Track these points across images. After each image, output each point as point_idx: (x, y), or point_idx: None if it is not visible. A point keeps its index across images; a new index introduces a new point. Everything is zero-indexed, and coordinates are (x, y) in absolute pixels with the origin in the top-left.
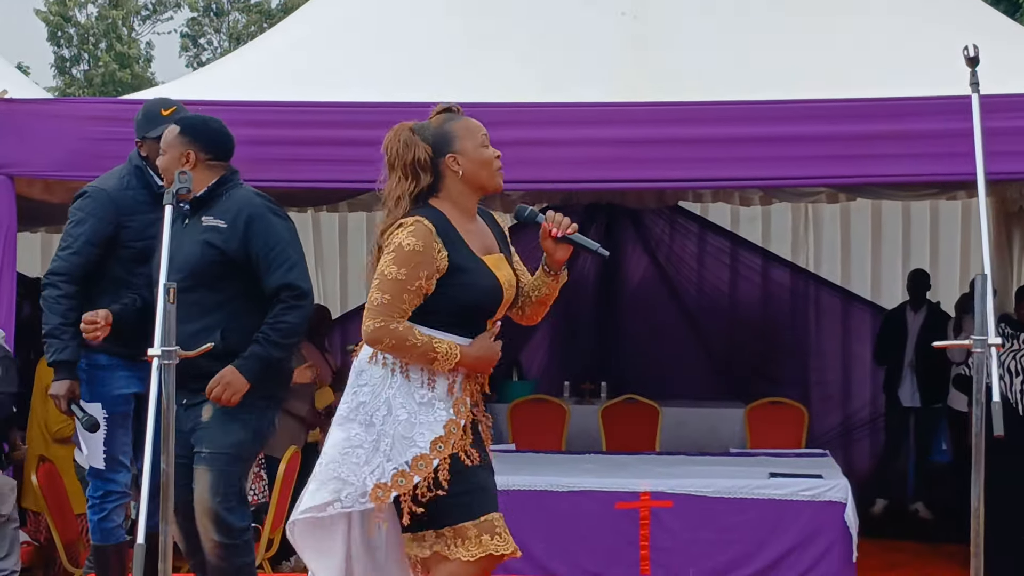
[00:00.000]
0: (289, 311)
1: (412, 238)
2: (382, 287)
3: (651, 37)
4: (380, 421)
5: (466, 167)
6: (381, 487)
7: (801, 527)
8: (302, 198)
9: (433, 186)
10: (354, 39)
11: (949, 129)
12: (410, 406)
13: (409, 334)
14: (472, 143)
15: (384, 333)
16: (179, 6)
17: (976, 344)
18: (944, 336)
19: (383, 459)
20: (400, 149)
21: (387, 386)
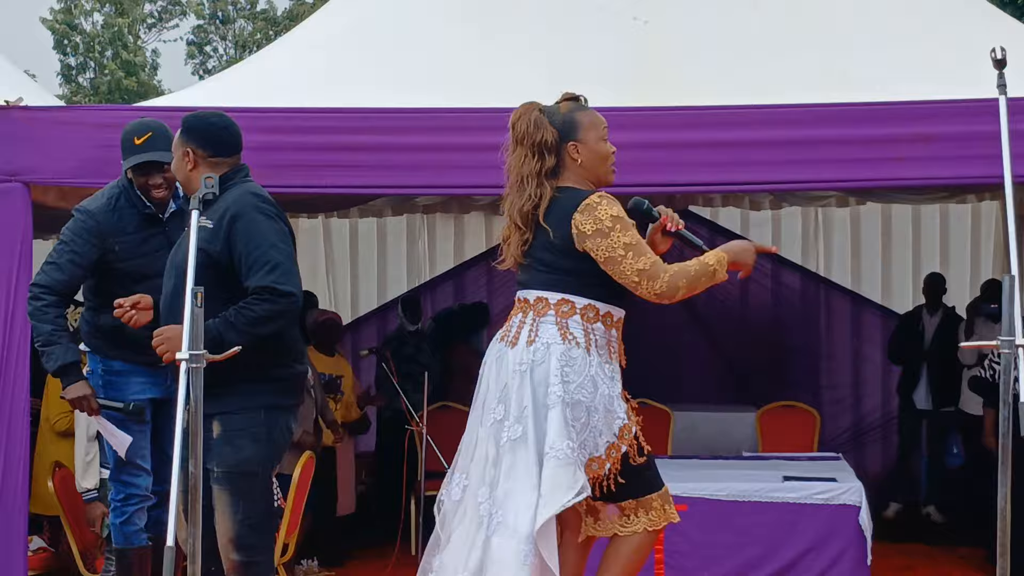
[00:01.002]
0: (262, 303)
1: (615, 207)
2: (636, 253)
3: (664, 42)
4: (587, 397)
5: (586, 157)
6: (596, 460)
7: (816, 530)
8: (313, 204)
9: (554, 169)
10: (364, 46)
11: (969, 132)
12: (606, 380)
13: (683, 271)
14: (594, 135)
15: (673, 282)
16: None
17: (1003, 345)
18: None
19: (594, 434)
20: (530, 127)
21: (588, 364)
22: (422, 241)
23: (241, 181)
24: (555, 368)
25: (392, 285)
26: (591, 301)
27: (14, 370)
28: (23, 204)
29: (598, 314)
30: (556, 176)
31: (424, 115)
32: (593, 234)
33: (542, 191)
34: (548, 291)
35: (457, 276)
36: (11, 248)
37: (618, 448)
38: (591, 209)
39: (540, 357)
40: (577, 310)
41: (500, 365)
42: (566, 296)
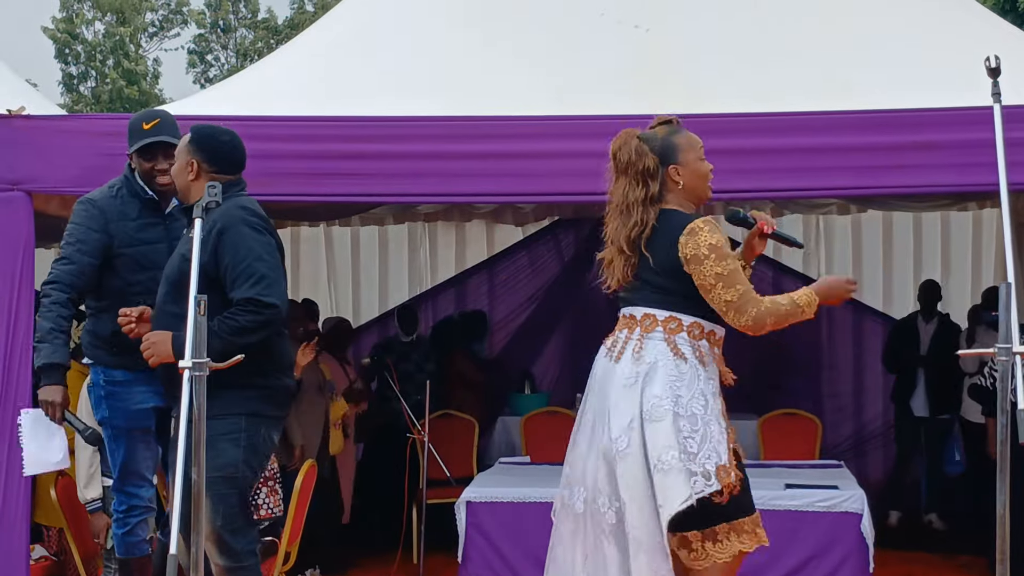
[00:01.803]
0: (246, 314)
1: (716, 235)
2: (727, 284)
3: (665, 50)
4: (702, 411)
5: (687, 178)
6: (723, 468)
7: (818, 538)
8: (314, 213)
9: (658, 195)
10: (366, 54)
11: (969, 139)
12: (713, 395)
13: (773, 308)
14: (693, 155)
15: (760, 319)
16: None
17: (1000, 352)
18: (955, 347)
19: (715, 444)
20: (632, 156)
21: (698, 379)
22: (423, 249)
23: (234, 195)
24: (664, 382)
25: (393, 293)
26: (697, 319)
27: (17, 378)
28: (25, 213)
29: (703, 331)
30: (659, 201)
31: (425, 123)
32: (691, 259)
33: (647, 217)
34: (656, 308)
35: (458, 284)
36: (13, 257)
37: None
38: (694, 234)
39: (647, 371)
40: (684, 327)
41: (606, 380)
42: (673, 314)
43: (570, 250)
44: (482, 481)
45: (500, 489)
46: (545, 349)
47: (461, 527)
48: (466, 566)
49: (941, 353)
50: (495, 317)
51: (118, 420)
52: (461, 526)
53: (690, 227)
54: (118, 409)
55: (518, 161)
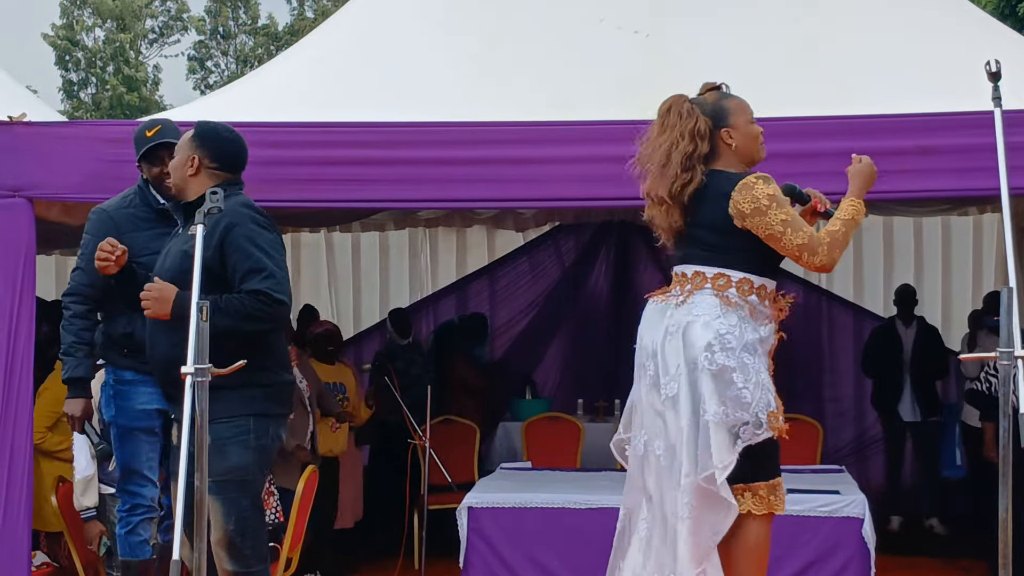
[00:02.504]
0: (255, 302)
1: (771, 185)
2: (794, 228)
3: (665, 55)
4: (751, 361)
5: (739, 140)
6: (773, 415)
7: (819, 543)
8: (315, 218)
9: (708, 155)
10: (366, 60)
11: (970, 144)
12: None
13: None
14: (744, 118)
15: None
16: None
17: (1002, 356)
18: (937, 350)
19: (765, 391)
20: (683, 115)
21: (747, 331)
22: (424, 255)
23: (234, 194)
24: (712, 334)
25: (394, 299)
26: (746, 275)
27: (18, 385)
28: (27, 219)
29: (752, 287)
30: (709, 162)
31: (426, 129)
32: (752, 213)
33: (692, 174)
34: (704, 266)
35: (459, 290)
36: (15, 263)
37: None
38: (748, 188)
39: (692, 321)
40: (733, 283)
41: (651, 325)
42: (722, 270)
43: (571, 255)
44: (484, 487)
45: (502, 495)
46: (546, 355)
47: (463, 533)
48: (468, 572)
49: (923, 356)
50: (496, 323)
51: (122, 419)
52: (463, 532)
53: (742, 183)
54: (123, 408)
55: (519, 167)
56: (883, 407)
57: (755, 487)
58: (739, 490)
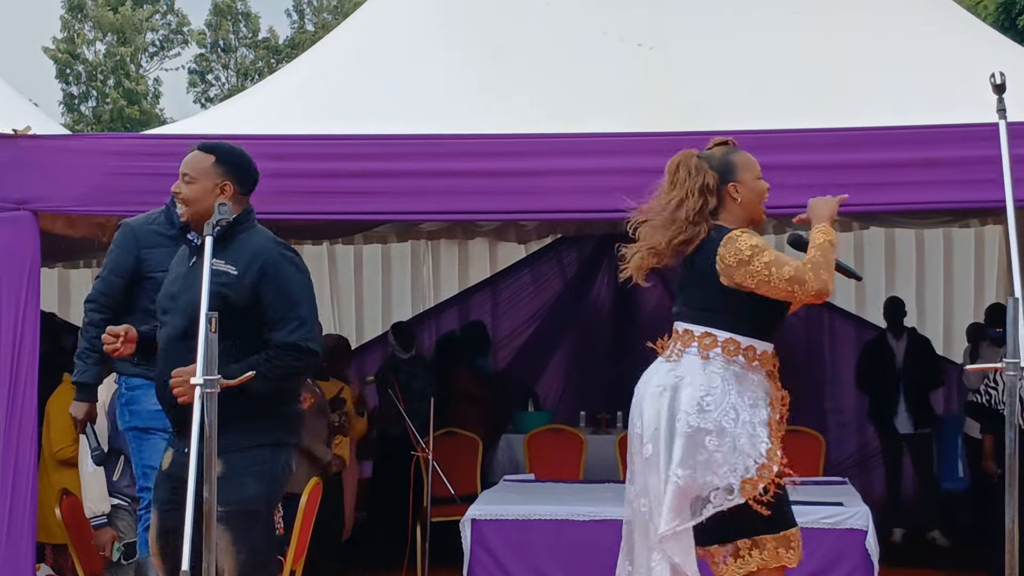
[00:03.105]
0: (289, 358)
1: (754, 238)
2: (778, 264)
3: (668, 68)
4: (731, 424)
5: (745, 196)
6: (749, 482)
7: (823, 554)
8: (318, 231)
9: (715, 210)
10: (369, 72)
11: (972, 156)
12: (747, 408)
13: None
14: (751, 175)
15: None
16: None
17: (1009, 367)
18: (930, 360)
19: (743, 456)
20: (692, 172)
21: (729, 393)
22: (426, 267)
23: (253, 225)
24: (691, 396)
25: (396, 311)
26: (732, 335)
27: (22, 397)
28: (31, 232)
29: (739, 347)
30: (715, 216)
31: (428, 141)
32: (737, 265)
33: (699, 229)
34: (693, 324)
35: (461, 302)
36: (19, 275)
37: (770, 469)
38: (732, 241)
39: (676, 383)
40: (719, 342)
41: (646, 381)
42: (709, 329)
43: (573, 268)
44: (487, 499)
45: (505, 507)
46: (549, 367)
47: (466, 545)
48: None
49: (917, 367)
50: (498, 335)
51: (136, 421)
52: (466, 544)
53: (727, 237)
54: (136, 412)
55: (521, 179)
56: (879, 421)
57: (761, 541)
58: (745, 546)
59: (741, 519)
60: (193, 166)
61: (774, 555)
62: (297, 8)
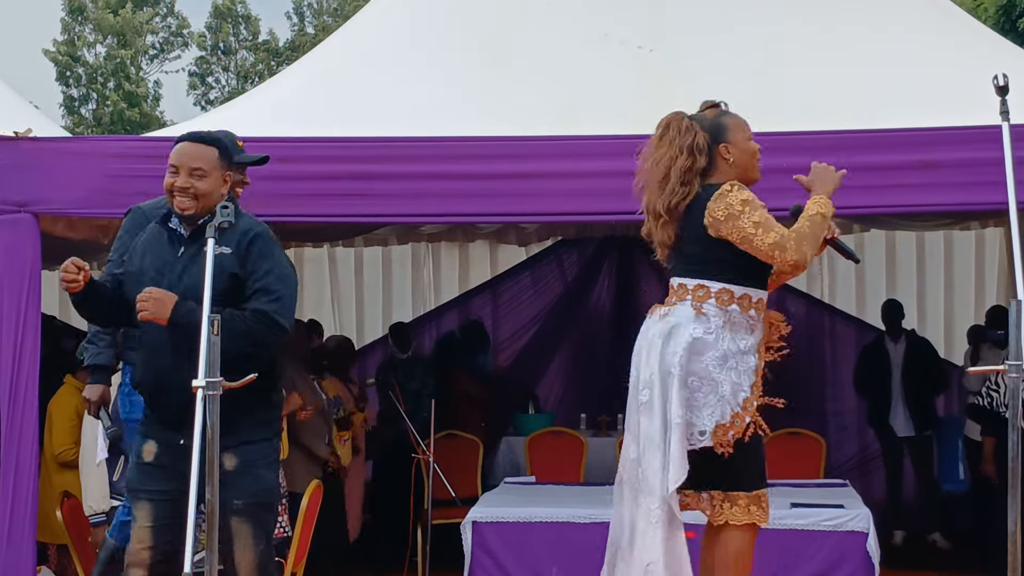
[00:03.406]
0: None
1: (745, 192)
2: (765, 229)
3: (668, 70)
4: (716, 371)
5: (736, 156)
6: (721, 427)
7: (824, 556)
8: (319, 233)
9: (705, 170)
10: (370, 75)
11: (973, 159)
12: (736, 356)
13: (801, 234)
14: (742, 135)
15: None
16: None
17: (1011, 369)
18: (930, 362)
19: (723, 403)
20: (682, 130)
21: (721, 340)
22: (427, 269)
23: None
24: (684, 344)
25: (397, 313)
26: (725, 285)
27: (23, 399)
28: (32, 234)
29: (732, 296)
30: (706, 176)
31: (428, 144)
32: (726, 219)
33: (690, 188)
34: (687, 278)
35: (462, 304)
36: (20, 278)
37: (742, 419)
38: (723, 196)
39: (669, 330)
40: (712, 294)
41: (642, 334)
42: (702, 281)
43: (573, 270)
44: (488, 501)
45: (506, 509)
46: (549, 369)
47: (467, 547)
48: None
49: (916, 370)
50: (499, 337)
51: (138, 412)
52: (467, 546)
53: (718, 191)
54: (137, 403)
55: (521, 181)
56: (877, 424)
57: (734, 496)
58: (718, 499)
59: (717, 470)
60: (203, 160)
61: (745, 512)
62: (297, 11)
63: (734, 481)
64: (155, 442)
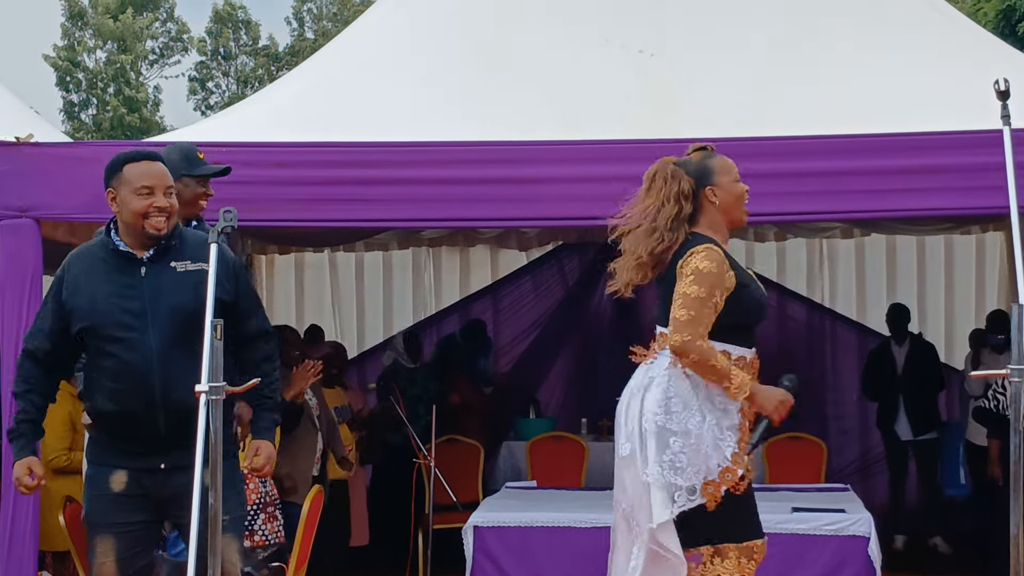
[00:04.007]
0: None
1: (707, 261)
2: (686, 305)
3: (669, 75)
4: (696, 427)
5: (723, 199)
6: (711, 483)
7: (825, 561)
8: (319, 238)
9: (692, 216)
10: (370, 80)
11: (974, 163)
12: (714, 411)
13: (712, 354)
14: (728, 178)
15: (691, 347)
16: (187, 50)
17: (1013, 373)
18: (932, 366)
19: (706, 459)
20: (668, 179)
21: (697, 394)
22: (428, 274)
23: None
24: (659, 397)
25: (398, 318)
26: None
27: None
28: (34, 239)
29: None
30: (694, 221)
31: (429, 148)
32: (679, 276)
33: (677, 234)
34: (667, 327)
35: (463, 309)
36: (22, 283)
37: (734, 472)
38: (692, 256)
39: (648, 384)
40: None
41: (628, 387)
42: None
43: (574, 275)
44: (489, 506)
45: (507, 514)
46: (550, 374)
47: (468, 552)
48: None
49: (918, 373)
50: (500, 342)
51: None
52: (468, 551)
53: (692, 249)
54: None
55: (522, 186)
56: (885, 428)
57: (723, 550)
58: (708, 553)
59: (706, 525)
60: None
61: (736, 564)
62: (297, 16)
63: (724, 532)
64: (125, 471)
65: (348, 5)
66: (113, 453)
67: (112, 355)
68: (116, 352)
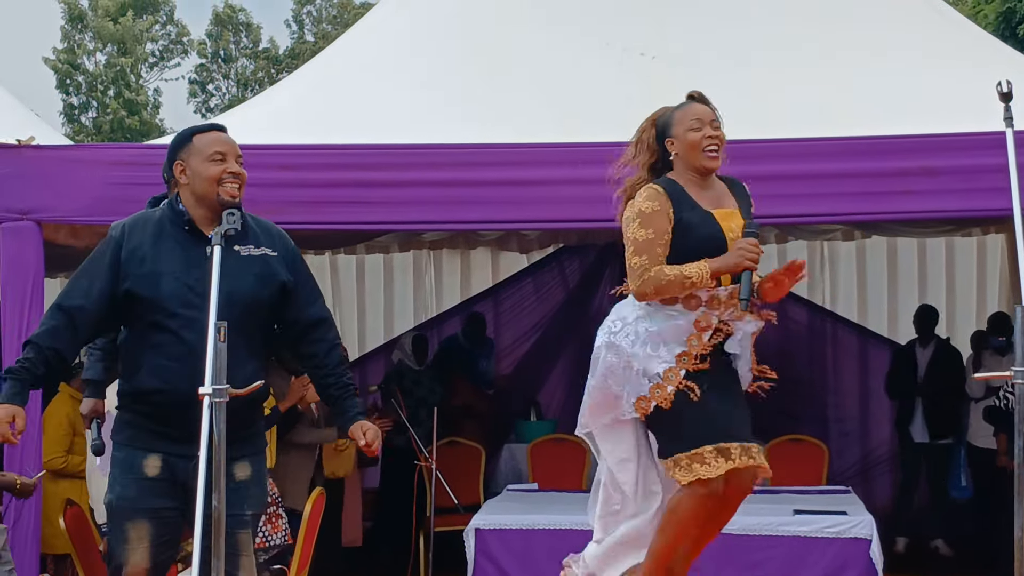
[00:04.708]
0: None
1: (648, 202)
2: (637, 251)
3: (671, 77)
4: (628, 345)
5: (679, 149)
6: (643, 399)
7: (827, 563)
8: (320, 240)
9: (658, 164)
10: (371, 83)
11: (975, 165)
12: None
13: (660, 274)
14: (682, 127)
15: (647, 286)
16: (187, 53)
17: (1017, 375)
18: (954, 370)
19: (637, 376)
20: (641, 131)
21: (639, 323)
22: (428, 277)
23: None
24: (606, 324)
25: (399, 321)
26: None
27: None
28: (35, 242)
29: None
30: (665, 170)
31: (430, 151)
32: (624, 222)
33: (635, 180)
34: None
35: (464, 311)
36: (23, 286)
37: (664, 388)
38: (634, 199)
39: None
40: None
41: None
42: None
43: (575, 277)
44: (490, 508)
45: (509, 516)
46: (551, 376)
47: (470, 554)
48: None
49: (939, 378)
50: (500, 344)
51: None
52: (470, 553)
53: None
54: None
55: (523, 188)
56: (902, 429)
57: (677, 458)
58: (667, 466)
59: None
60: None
61: (687, 471)
62: (297, 19)
63: (671, 446)
64: (160, 455)
65: (348, 8)
66: (147, 436)
67: (169, 331)
68: (174, 328)
